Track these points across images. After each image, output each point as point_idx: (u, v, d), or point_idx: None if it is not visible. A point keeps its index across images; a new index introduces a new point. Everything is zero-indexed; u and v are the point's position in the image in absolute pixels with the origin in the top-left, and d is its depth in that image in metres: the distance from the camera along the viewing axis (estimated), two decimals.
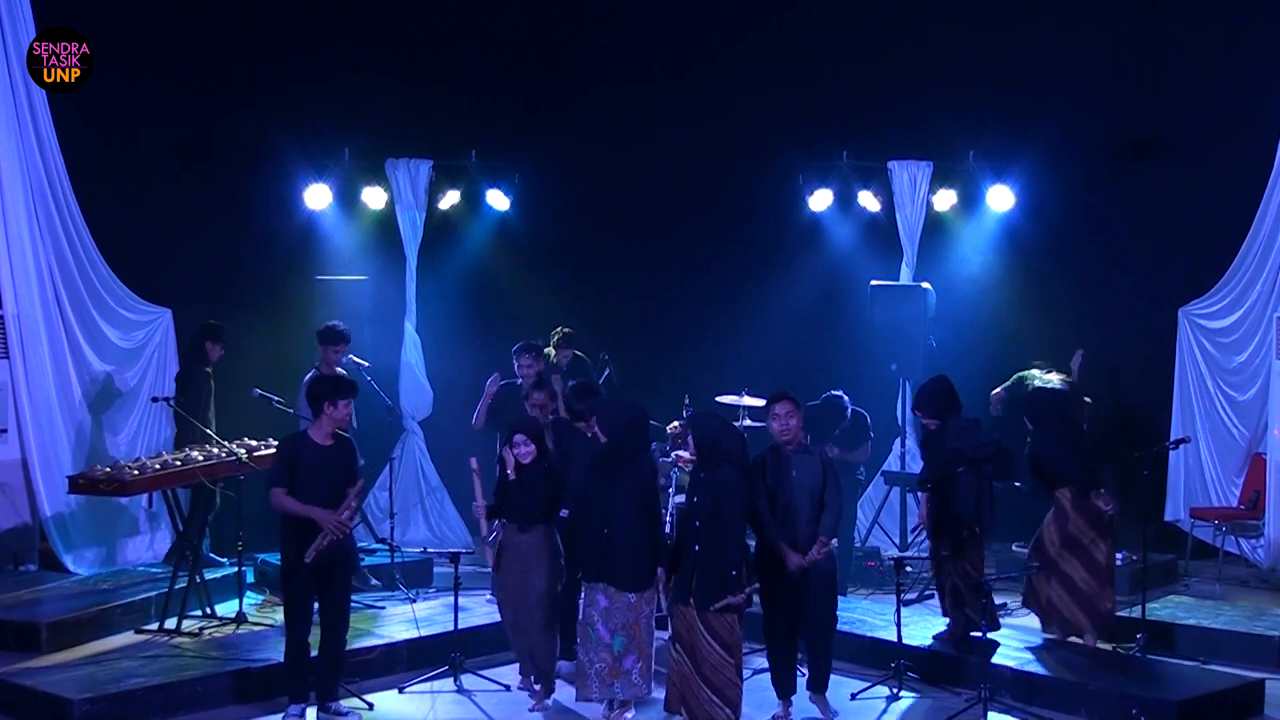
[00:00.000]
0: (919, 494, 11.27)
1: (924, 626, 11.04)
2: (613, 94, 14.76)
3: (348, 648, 9.89)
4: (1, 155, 12.72)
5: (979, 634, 9.78)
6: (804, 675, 9.75)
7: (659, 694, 9.59)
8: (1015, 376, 13.63)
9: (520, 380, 11.88)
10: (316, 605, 9.52)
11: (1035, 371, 13.72)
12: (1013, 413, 13.45)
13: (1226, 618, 11.39)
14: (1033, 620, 11.77)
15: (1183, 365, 14.05)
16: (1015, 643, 10.67)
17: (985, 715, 9.45)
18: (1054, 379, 13.49)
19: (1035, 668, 10.15)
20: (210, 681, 9.87)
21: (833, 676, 9.82)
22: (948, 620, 10.82)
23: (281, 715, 9.46)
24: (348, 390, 9.67)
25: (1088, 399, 13.51)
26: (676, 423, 12.29)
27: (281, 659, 9.65)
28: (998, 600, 11.47)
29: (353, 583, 10.27)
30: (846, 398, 12.14)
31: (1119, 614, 11.27)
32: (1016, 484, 13.29)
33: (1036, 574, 10.83)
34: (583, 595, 9.66)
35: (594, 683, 9.53)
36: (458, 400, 14.21)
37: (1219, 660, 10.61)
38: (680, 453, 11.83)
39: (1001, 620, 11.32)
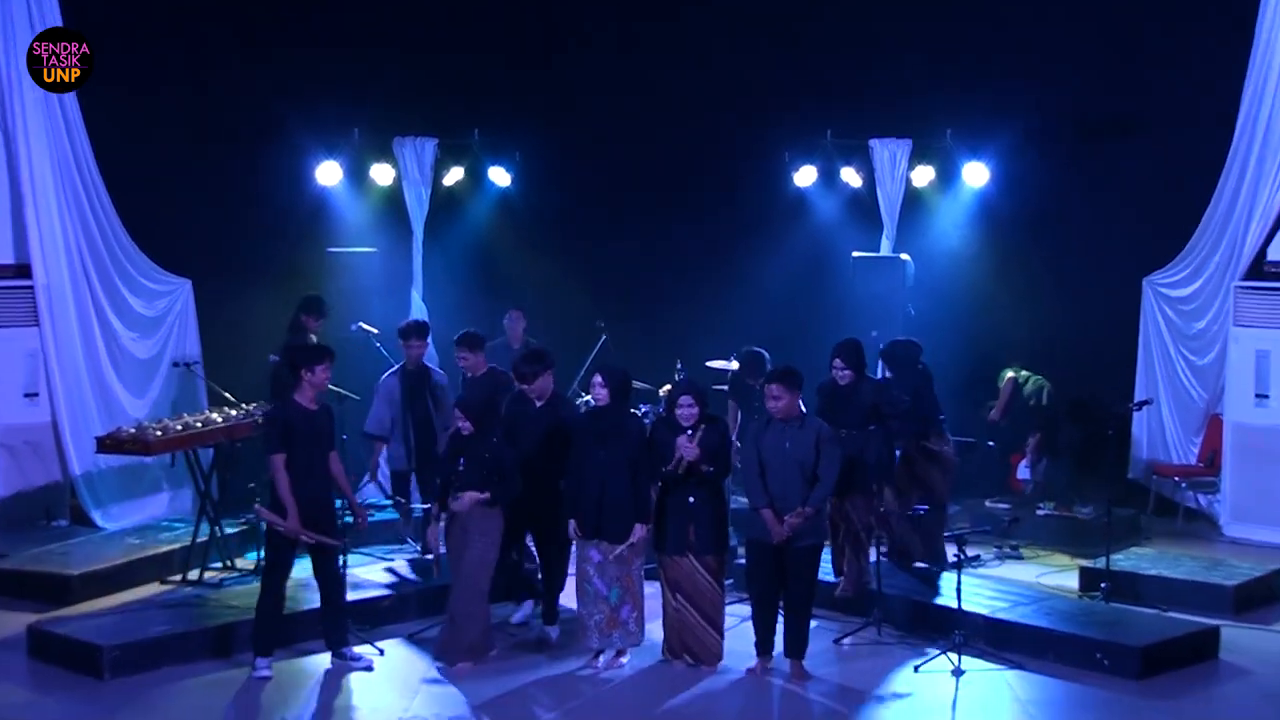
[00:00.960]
0: None
1: (901, 577, 11.08)
2: (608, 77, 14.78)
3: (364, 596, 10.01)
4: (31, 136, 12.78)
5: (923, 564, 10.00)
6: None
7: (650, 640, 9.79)
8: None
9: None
10: (310, 561, 9.61)
11: (1011, 372, 13.87)
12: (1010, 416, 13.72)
13: (1185, 569, 11.44)
14: (1004, 570, 11.92)
15: (1146, 332, 14.12)
16: (988, 592, 10.75)
17: (960, 659, 9.59)
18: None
19: (1006, 615, 10.20)
20: (230, 629, 9.91)
21: (816, 625, 9.87)
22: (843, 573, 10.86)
23: (251, 670, 9.45)
24: (322, 356, 9.67)
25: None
26: (667, 386, 12.36)
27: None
28: (971, 552, 11.58)
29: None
30: (766, 354, 12.15)
31: (1086, 565, 11.42)
32: (990, 443, 13.44)
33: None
34: (576, 553, 9.78)
35: (594, 633, 9.68)
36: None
37: (1178, 608, 10.66)
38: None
39: (974, 571, 11.44)
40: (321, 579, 9.66)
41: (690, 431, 9.44)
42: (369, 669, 9.61)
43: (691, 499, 9.51)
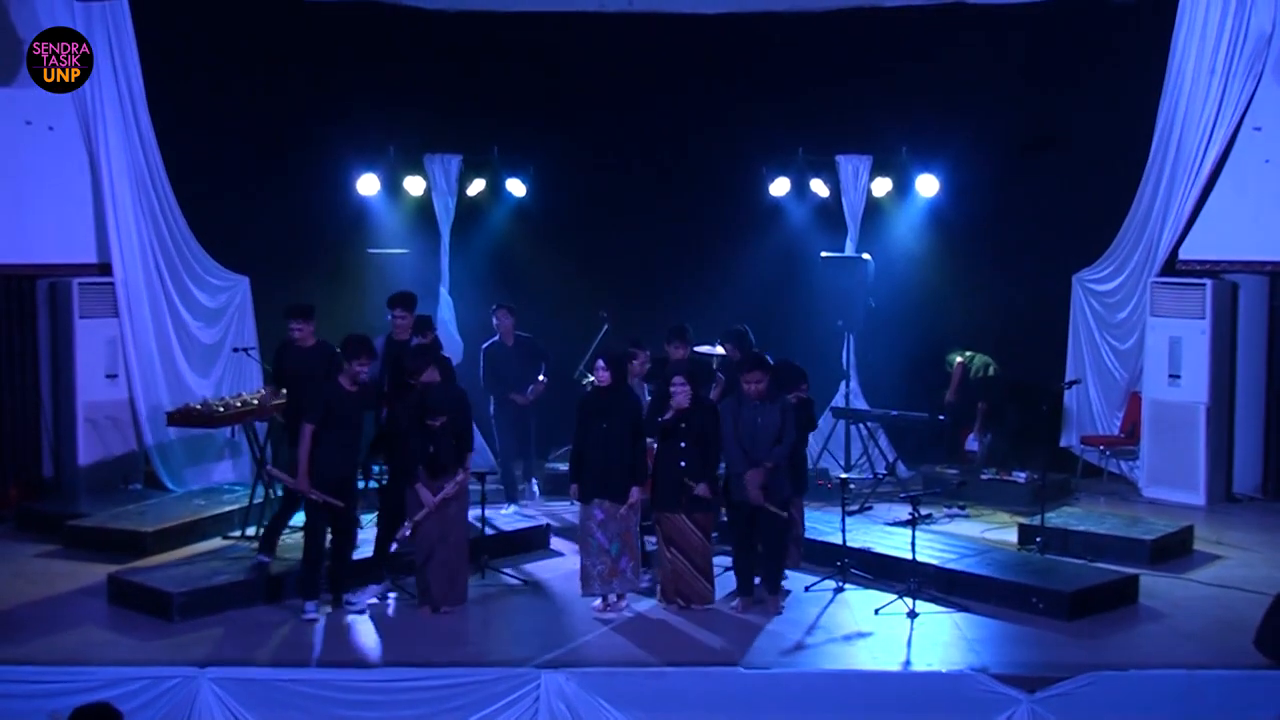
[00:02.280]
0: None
1: (863, 533, 11.09)
2: (610, 102, 14.70)
3: (393, 550, 9.97)
4: (112, 152, 12.77)
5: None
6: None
7: (643, 584, 9.85)
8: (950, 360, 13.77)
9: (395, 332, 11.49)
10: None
11: (958, 356, 13.81)
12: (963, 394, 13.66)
13: (1109, 525, 11.43)
14: (953, 527, 11.89)
15: (1075, 321, 14.06)
16: (939, 546, 10.73)
17: (914, 603, 9.56)
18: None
19: (954, 565, 10.21)
20: (281, 578, 9.93)
21: (789, 573, 9.89)
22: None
23: (301, 614, 9.53)
24: (362, 351, 9.63)
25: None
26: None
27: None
28: (924, 511, 11.56)
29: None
30: (749, 330, 12.00)
31: (1024, 522, 11.37)
32: (941, 417, 13.38)
33: None
34: (579, 510, 9.75)
35: (596, 582, 9.68)
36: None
37: (1103, 559, 10.66)
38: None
39: (927, 528, 11.41)
40: (335, 537, 9.63)
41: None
42: (362, 612, 9.55)
43: (683, 463, 9.51)
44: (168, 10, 11.54)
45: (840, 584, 10.21)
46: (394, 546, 10.09)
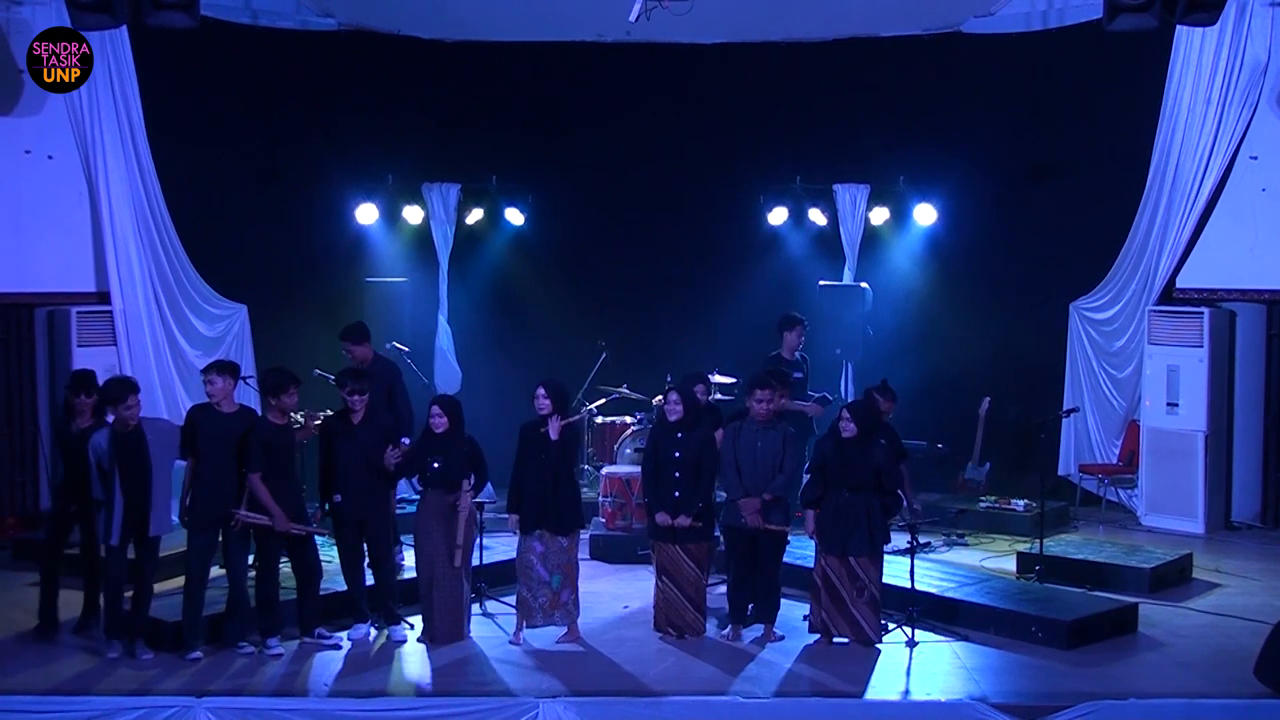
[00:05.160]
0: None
1: None
2: (608, 130, 14.77)
3: (399, 576, 9.98)
4: (111, 181, 12.79)
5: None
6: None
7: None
8: None
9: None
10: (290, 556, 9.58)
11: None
12: None
13: (1108, 553, 11.40)
14: (952, 555, 11.88)
15: (1073, 349, 14.08)
16: (938, 574, 10.70)
17: (913, 632, 9.54)
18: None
19: (953, 594, 10.17)
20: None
21: (785, 601, 9.85)
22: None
23: (349, 632, 9.63)
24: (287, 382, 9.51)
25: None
26: (660, 396, 12.33)
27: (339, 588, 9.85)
28: (923, 540, 11.52)
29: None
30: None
31: (1022, 550, 11.35)
32: (940, 445, 13.34)
33: None
34: (519, 542, 9.58)
35: (538, 614, 9.54)
36: (481, 378, 14.32)
37: (1102, 588, 10.65)
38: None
39: (926, 556, 11.37)
40: (300, 570, 9.55)
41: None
42: (338, 647, 9.46)
43: (677, 494, 9.49)
44: (167, 39, 11.59)
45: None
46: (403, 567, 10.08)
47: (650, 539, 9.83)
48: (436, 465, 9.45)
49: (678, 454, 9.52)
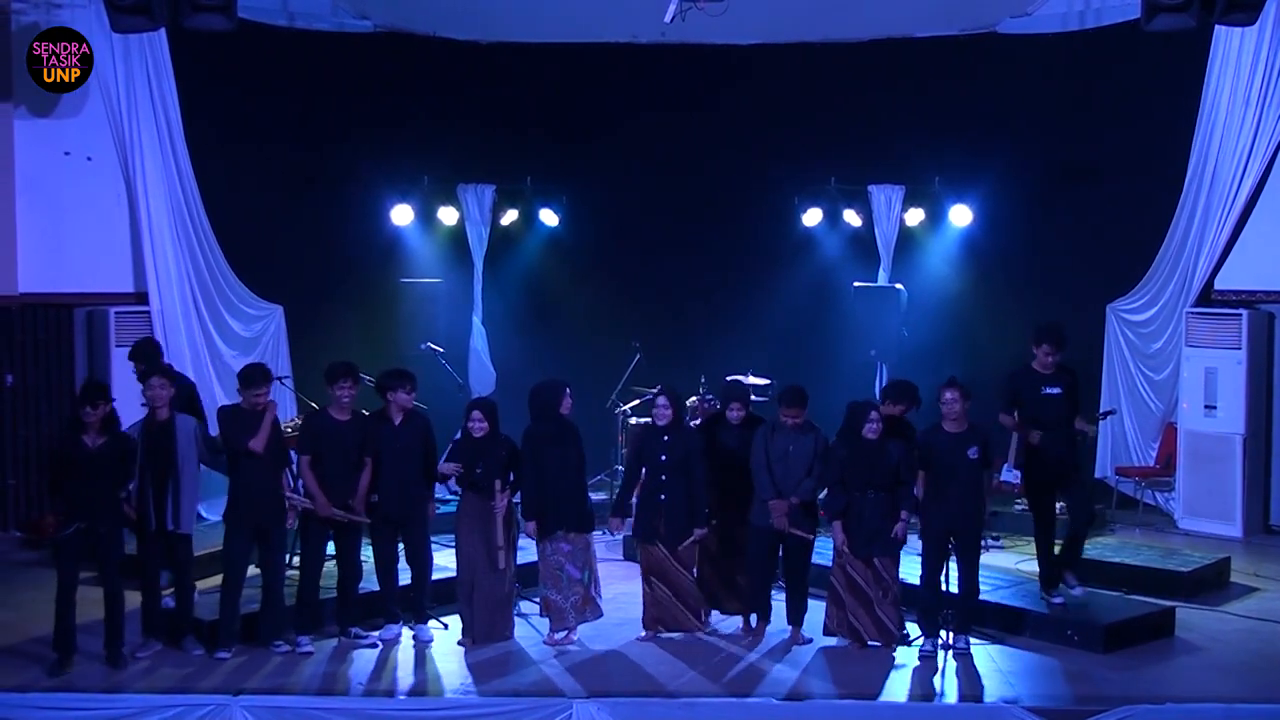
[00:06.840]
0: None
1: None
2: (643, 131, 14.77)
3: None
4: (150, 182, 12.89)
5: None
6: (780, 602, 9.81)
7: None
8: None
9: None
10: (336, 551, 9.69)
11: None
12: None
13: (1145, 557, 11.34)
14: (988, 558, 11.74)
15: (1110, 351, 14.00)
16: None
17: (949, 633, 9.49)
18: None
19: (988, 597, 10.10)
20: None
21: (812, 603, 9.82)
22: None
23: (380, 632, 9.68)
24: (338, 374, 9.63)
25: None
26: (693, 398, 12.33)
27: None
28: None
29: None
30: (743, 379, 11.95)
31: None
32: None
33: None
34: (545, 547, 9.52)
35: (571, 615, 9.54)
36: (515, 379, 14.31)
37: (1138, 592, 10.57)
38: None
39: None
40: (344, 567, 9.66)
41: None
42: (374, 646, 9.52)
43: (663, 496, 9.52)
44: (205, 41, 11.68)
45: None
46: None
47: (636, 541, 9.87)
48: (480, 470, 9.50)
49: (664, 457, 9.57)
